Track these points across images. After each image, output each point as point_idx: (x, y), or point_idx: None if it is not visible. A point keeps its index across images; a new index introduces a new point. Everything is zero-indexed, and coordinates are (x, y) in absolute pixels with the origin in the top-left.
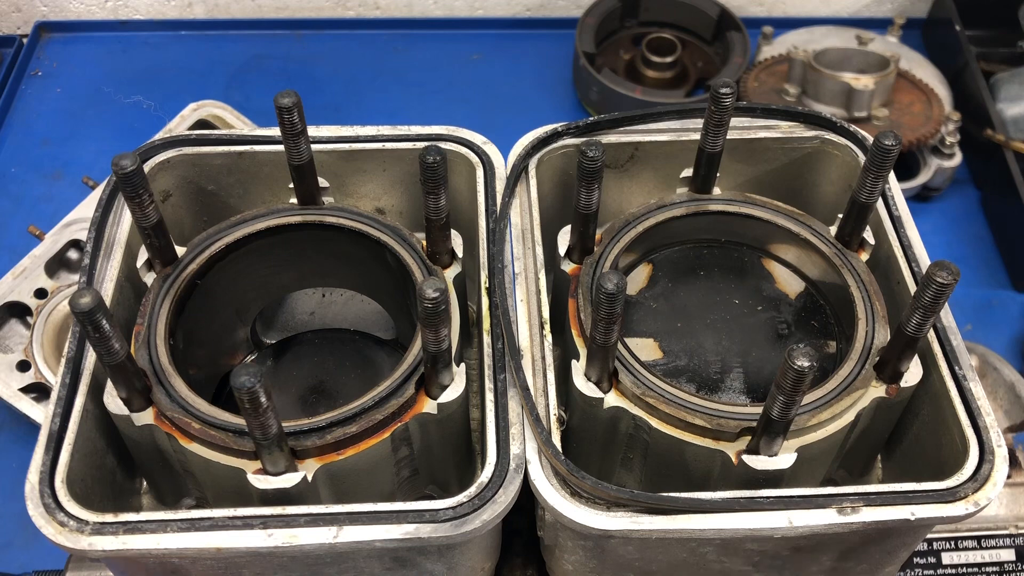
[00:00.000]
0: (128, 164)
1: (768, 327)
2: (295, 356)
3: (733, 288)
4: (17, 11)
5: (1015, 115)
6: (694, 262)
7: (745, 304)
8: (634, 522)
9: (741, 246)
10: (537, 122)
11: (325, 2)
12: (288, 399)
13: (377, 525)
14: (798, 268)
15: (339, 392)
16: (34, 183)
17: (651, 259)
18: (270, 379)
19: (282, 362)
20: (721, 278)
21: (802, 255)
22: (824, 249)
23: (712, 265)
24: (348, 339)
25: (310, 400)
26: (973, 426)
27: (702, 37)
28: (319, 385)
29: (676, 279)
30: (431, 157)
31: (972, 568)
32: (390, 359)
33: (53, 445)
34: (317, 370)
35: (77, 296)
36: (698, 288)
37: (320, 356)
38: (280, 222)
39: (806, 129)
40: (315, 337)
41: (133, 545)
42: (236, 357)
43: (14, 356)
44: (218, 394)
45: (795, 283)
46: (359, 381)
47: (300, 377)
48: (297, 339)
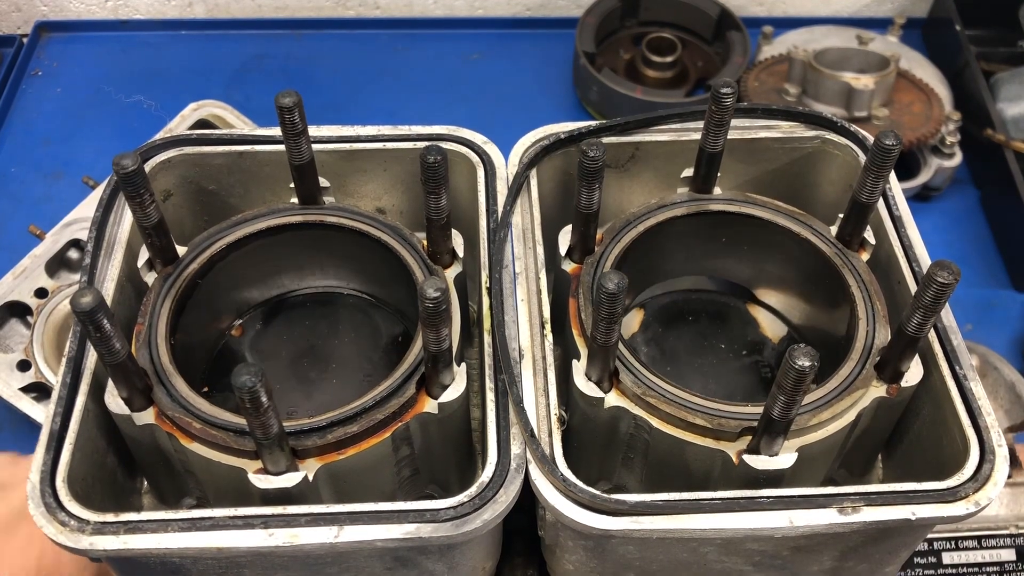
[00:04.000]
0: (129, 164)
1: (752, 371)
2: (286, 319)
3: (720, 333)
4: (17, 11)
5: (1015, 115)
6: (683, 308)
7: (731, 349)
8: (635, 522)
9: (728, 293)
10: (537, 122)
11: (325, 2)
12: (279, 365)
13: (378, 525)
14: (781, 313)
15: (332, 356)
16: (34, 183)
17: (643, 304)
18: (259, 343)
19: (272, 325)
20: (709, 324)
21: (785, 300)
22: (824, 249)
23: (700, 311)
24: (341, 300)
25: (302, 365)
26: (974, 426)
27: (702, 37)
28: (311, 349)
29: (667, 324)
30: (432, 157)
31: (972, 568)
32: (385, 322)
33: (54, 445)
34: (309, 334)
35: (78, 296)
36: (687, 333)
37: (312, 319)
38: (281, 222)
39: (806, 129)
40: (306, 299)
41: (134, 545)
42: (223, 321)
43: (14, 356)
44: (210, 367)
45: (778, 328)
46: (353, 345)
47: (291, 341)
48: (287, 300)
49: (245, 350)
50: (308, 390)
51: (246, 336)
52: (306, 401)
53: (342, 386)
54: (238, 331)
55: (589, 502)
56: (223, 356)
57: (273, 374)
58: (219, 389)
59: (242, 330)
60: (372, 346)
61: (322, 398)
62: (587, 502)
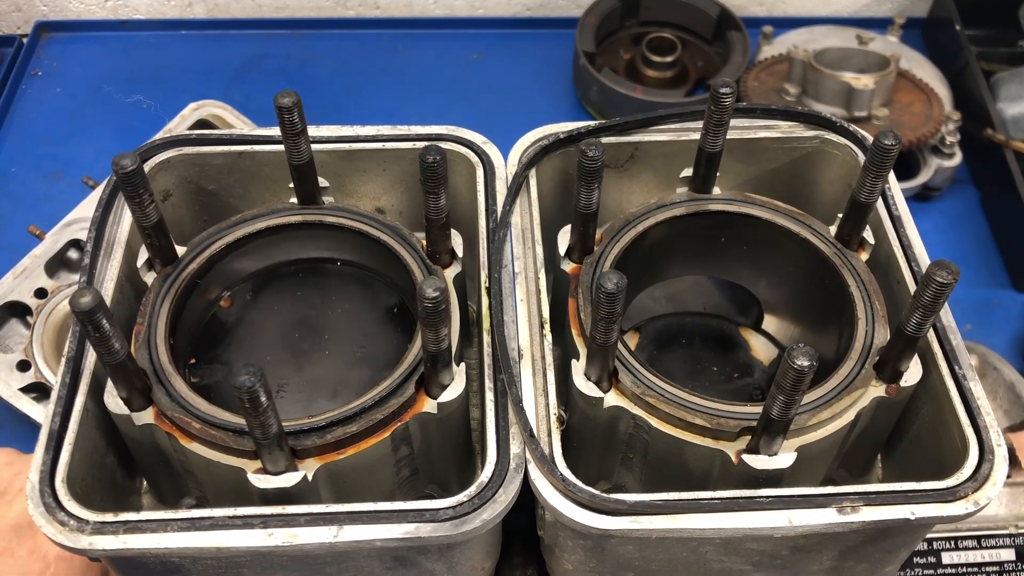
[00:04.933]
0: (128, 164)
1: (743, 393)
2: (277, 290)
3: (712, 356)
4: (17, 11)
5: (1015, 115)
6: (677, 331)
7: (723, 371)
8: (634, 522)
9: (721, 317)
10: (537, 122)
11: (325, 2)
12: (269, 337)
13: (377, 524)
14: (773, 336)
15: (325, 328)
16: (34, 183)
17: (639, 327)
18: (249, 315)
19: (262, 297)
20: (702, 346)
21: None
22: (824, 249)
23: (694, 334)
24: (334, 271)
25: (293, 337)
26: (973, 425)
27: (702, 37)
28: (303, 320)
29: (661, 347)
30: (431, 157)
31: (972, 568)
32: (379, 294)
33: (53, 445)
34: (301, 304)
35: (77, 296)
36: (680, 356)
37: (304, 290)
38: (280, 222)
39: (806, 129)
40: (299, 270)
41: (133, 544)
42: (212, 292)
43: (14, 356)
44: (197, 339)
45: (769, 351)
46: (347, 316)
47: (282, 312)
48: (278, 271)
49: (234, 321)
50: (300, 363)
51: (235, 307)
52: (297, 374)
53: (335, 358)
54: (227, 302)
55: (588, 502)
56: (211, 328)
57: (263, 346)
58: (206, 361)
59: (231, 301)
60: (367, 318)
61: (314, 371)
62: (586, 502)
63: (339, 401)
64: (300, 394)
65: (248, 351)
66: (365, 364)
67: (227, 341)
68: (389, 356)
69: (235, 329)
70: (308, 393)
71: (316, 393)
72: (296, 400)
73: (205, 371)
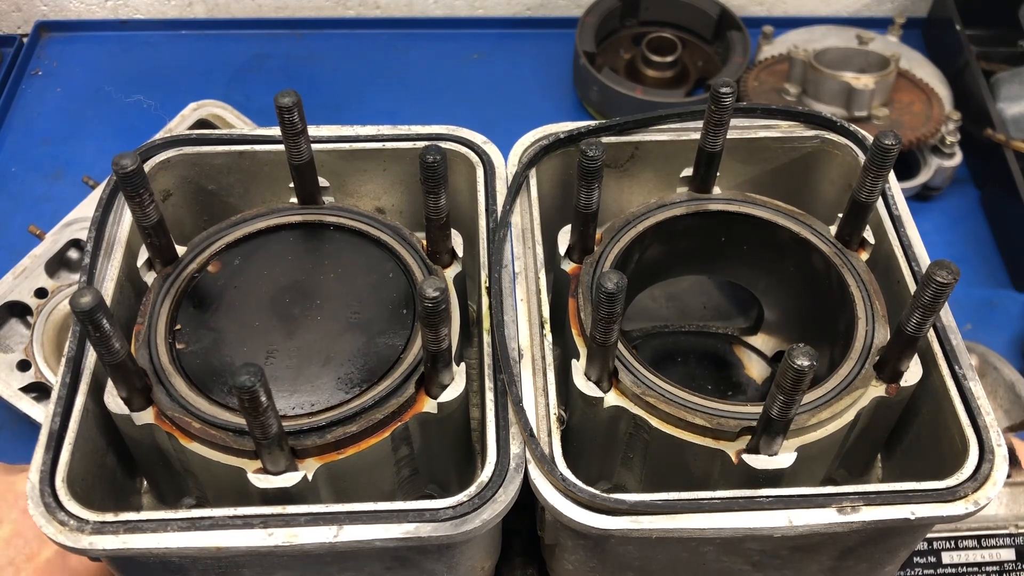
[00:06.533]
0: (128, 163)
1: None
2: (266, 254)
3: (706, 374)
4: (17, 11)
5: (1015, 114)
6: (672, 348)
7: (717, 389)
8: (634, 522)
9: (713, 335)
10: (537, 122)
11: (325, 2)
12: (257, 301)
13: (377, 524)
14: (765, 354)
15: (317, 292)
16: (34, 183)
17: (634, 344)
18: (237, 279)
19: (251, 261)
20: (696, 363)
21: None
22: (824, 248)
23: (688, 351)
24: (327, 234)
25: (284, 302)
26: (973, 425)
27: (702, 36)
28: (294, 284)
29: (656, 363)
30: (431, 156)
31: (972, 568)
32: (372, 259)
33: (53, 444)
34: (293, 268)
35: (77, 295)
36: (675, 373)
37: (295, 254)
38: (280, 221)
39: (806, 129)
40: (289, 233)
41: (133, 544)
42: (202, 254)
43: (14, 356)
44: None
45: (762, 368)
46: (339, 280)
47: (272, 276)
48: (267, 232)
49: (222, 286)
50: (290, 328)
51: (223, 271)
52: (287, 340)
53: (327, 324)
54: (215, 266)
55: (588, 502)
56: (197, 293)
57: (252, 311)
58: (192, 327)
59: (219, 265)
60: (361, 282)
61: (305, 337)
62: (586, 502)
63: (330, 368)
64: (290, 360)
65: (236, 316)
66: (359, 330)
67: (214, 306)
68: (383, 322)
69: (223, 294)
70: (298, 360)
71: (307, 360)
72: (286, 367)
73: (191, 337)
